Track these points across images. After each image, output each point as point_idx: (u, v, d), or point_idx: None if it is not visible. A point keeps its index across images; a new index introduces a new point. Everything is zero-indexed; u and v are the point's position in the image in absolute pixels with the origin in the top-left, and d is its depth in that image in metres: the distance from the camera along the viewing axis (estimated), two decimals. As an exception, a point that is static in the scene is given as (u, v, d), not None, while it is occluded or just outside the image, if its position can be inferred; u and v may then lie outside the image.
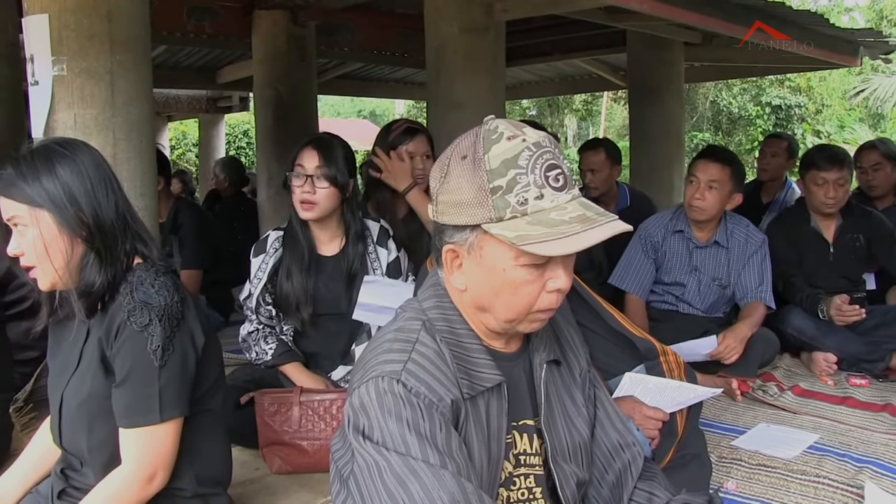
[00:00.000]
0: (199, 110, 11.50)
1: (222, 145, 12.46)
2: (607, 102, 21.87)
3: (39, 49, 2.64)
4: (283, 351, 2.63)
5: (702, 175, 3.28)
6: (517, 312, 1.30)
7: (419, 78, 9.59)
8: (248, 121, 19.98)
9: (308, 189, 2.55)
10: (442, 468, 1.19)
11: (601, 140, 4.83)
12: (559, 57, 7.59)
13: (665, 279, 3.50)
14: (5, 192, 1.59)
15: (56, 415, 1.73)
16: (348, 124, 23.75)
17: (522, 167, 1.23)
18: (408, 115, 24.00)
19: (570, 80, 9.69)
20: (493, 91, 4.25)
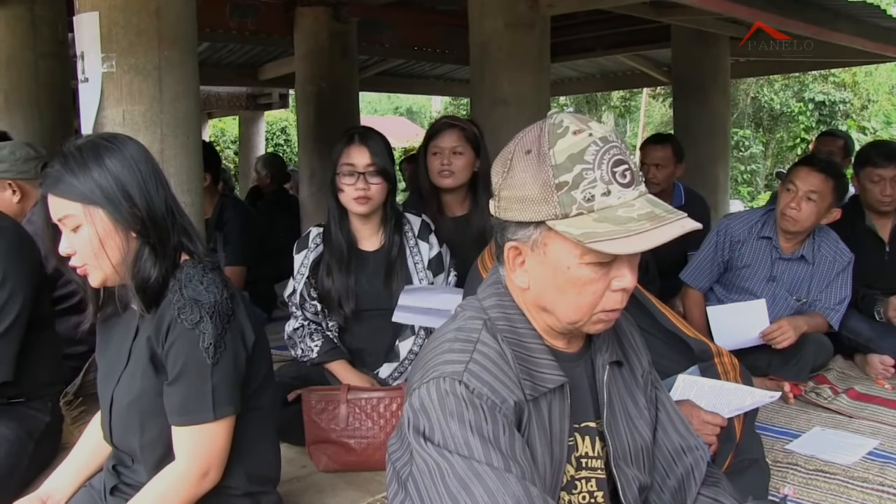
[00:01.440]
0: (240, 107, 11.62)
1: (262, 142, 12.57)
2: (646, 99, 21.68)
3: (89, 46, 2.66)
4: (329, 348, 2.62)
5: (801, 184, 3.09)
6: (581, 312, 1.27)
7: (460, 75, 9.59)
8: (286, 118, 20.13)
9: (362, 186, 2.54)
10: (506, 471, 1.16)
11: (667, 135, 4.76)
12: (602, 53, 7.55)
13: (739, 283, 3.38)
14: (55, 190, 1.58)
15: (107, 413, 1.73)
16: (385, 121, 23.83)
17: (589, 162, 1.19)
18: (445, 112, 24.08)
19: (612, 76, 9.62)
20: (537, 87, 4.21)
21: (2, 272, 2.14)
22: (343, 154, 2.58)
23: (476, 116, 4.32)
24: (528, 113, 4.03)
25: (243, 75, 8.92)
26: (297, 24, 5.67)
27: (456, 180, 3.00)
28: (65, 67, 4.96)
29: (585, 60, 8.43)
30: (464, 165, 3.00)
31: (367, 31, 6.30)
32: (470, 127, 3.05)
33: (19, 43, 4.76)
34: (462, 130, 3.02)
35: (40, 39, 4.80)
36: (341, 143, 2.61)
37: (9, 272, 2.15)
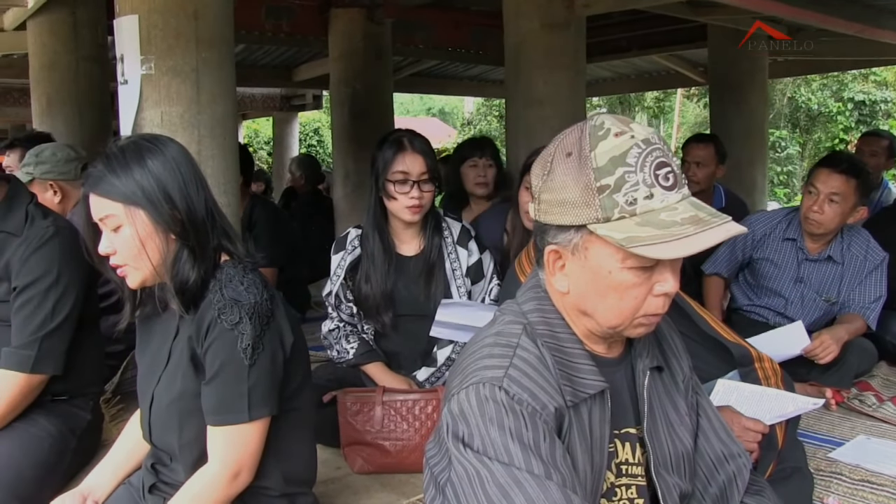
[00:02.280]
0: (274, 108, 11.71)
1: (296, 143, 12.66)
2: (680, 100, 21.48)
3: (129, 49, 2.68)
4: (365, 350, 2.61)
5: (822, 186, 3.04)
6: (622, 317, 1.25)
7: (493, 75, 9.58)
8: (319, 119, 20.25)
9: (416, 195, 2.51)
10: (546, 479, 1.14)
11: (710, 134, 4.72)
12: (637, 53, 7.50)
13: (766, 284, 3.34)
14: (97, 190, 1.59)
15: (146, 412, 1.74)
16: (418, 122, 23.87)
17: (631, 165, 1.17)
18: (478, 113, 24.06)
19: (647, 76, 9.56)
20: (573, 88, 4.19)
21: (57, 269, 2.18)
22: (395, 161, 2.53)
23: (511, 117, 4.32)
24: (564, 113, 4.02)
25: (278, 77, 8.99)
26: (332, 26, 5.70)
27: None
28: (104, 70, 5.04)
29: (620, 61, 8.38)
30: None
31: (402, 32, 6.31)
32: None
33: (62, 46, 4.84)
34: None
35: (81, 43, 4.88)
36: (391, 149, 2.55)
37: (64, 270, 2.19)
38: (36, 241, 2.18)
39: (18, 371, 2.12)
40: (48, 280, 2.16)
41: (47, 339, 2.15)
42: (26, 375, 2.12)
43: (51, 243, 2.19)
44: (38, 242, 2.18)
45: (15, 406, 2.13)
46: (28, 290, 2.15)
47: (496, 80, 9.92)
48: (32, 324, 2.14)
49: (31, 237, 2.19)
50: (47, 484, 2.09)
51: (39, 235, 2.19)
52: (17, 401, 2.12)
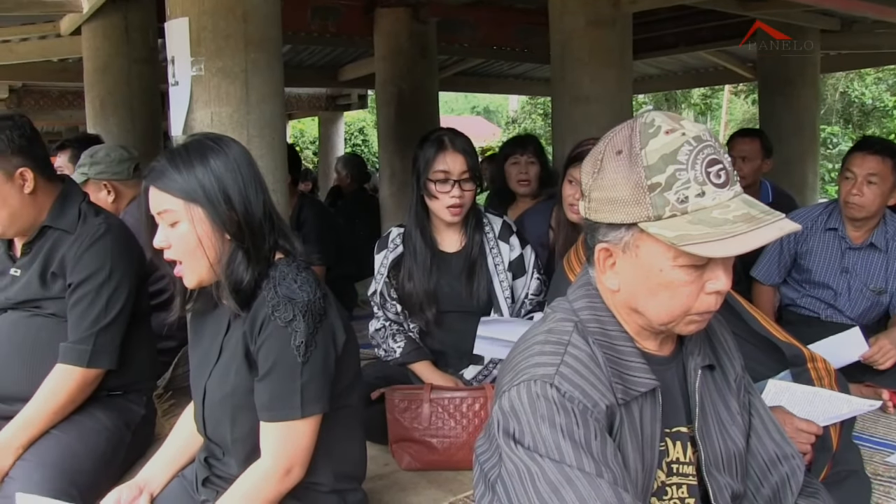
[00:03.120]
0: (319, 108, 11.81)
1: (341, 143, 12.75)
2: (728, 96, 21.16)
3: (179, 51, 2.71)
4: (411, 349, 2.63)
5: (858, 170, 3.02)
6: (674, 314, 1.24)
7: (538, 73, 9.54)
8: (363, 119, 20.37)
9: (457, 193, 2.53)
10: (598, 476, 1.14)
11: (756, 129, 4.68)
12: (684, 49, 7.39)
13: (812, 278, 3.29)
14: (158, 184, 1.62)
15: (200, 405, 1.77)
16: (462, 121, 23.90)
17: (682, 163, 1.17)
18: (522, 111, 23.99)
19: (694, 72, 9.44)
20: (620, 85, 4.14)
21: (110, 266, 2.23)
22: (436, 160, 2.55)
23: (557, 115, 4.29)
24: (611, 111, 3.98)
25: (324, 76, 9.06)
26: (377, 25, 5.72)
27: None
28: (155, 72, 5.12)
29: (667, 57, 8.28)
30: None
31: (447, 31, 6.30)
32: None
33: (114, 49, 4.93)
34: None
35: (133, 46, 4.96)
36: (431, 148, 2.57)
37: (116, 266, 2.25)
38: (89, 239, 2.24)
39: (76, 365, 2.17)
40: (101, 276, 2.22)
41: (102, 334, 2.21)
42: (83, 370, 2.18)
43: (103, 240, 2.25)
44: (91, 239, 2.24)
45: (73, 399, 2.19)
46: (82, 287, 2.21)
47: (541, 77, 9.88)
48: (87, 319, 2.20)
49: (83, 234, 2.25)
50: (104, 475, 2.15)
51: (92, 233, 2.25)
52: (75, 394, 2.18)
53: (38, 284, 2.24)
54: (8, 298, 2.28)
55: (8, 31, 5.92)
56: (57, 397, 2.16)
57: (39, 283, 2.24)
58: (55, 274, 2.24)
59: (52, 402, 2.15)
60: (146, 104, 5.07)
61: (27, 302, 2.26)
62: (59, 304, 2.24)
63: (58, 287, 2.24)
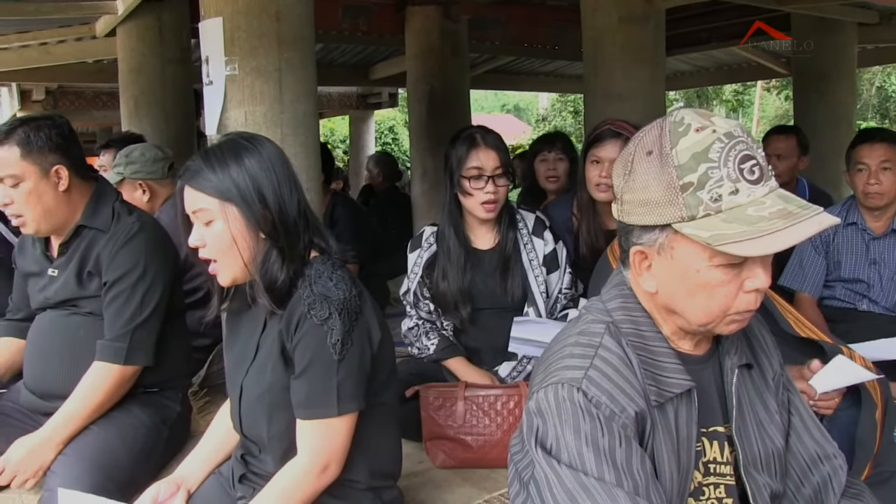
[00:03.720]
0: (350, 107, 11.85)
1: (372, 141, 12.79)
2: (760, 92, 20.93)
3: (214, 50, 2.73)
4: (445, 346, 2.63)
5: (870, 160, 3.05)
6: (713, 315, 1.22)
7: (569, 70, 9.50)
8: (393, 117, 20.42)
9: (491, 189, 2.53)
10: (616, 486, 1.13)
11: (791, 126, 4.62)
12: (717, 45, 7.31)
13: (843, 276, 3.26)
14: (194, 183, 1.63)
15: (236, 403, 1.78)
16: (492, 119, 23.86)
17: (714, 161, 1.15)
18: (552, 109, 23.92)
19: (727, 68, 9.35)
20: (653, 82, 4.11)
21: (144, 263, 2.26)
22: (469, 157, 2.54)
23: (590, 112, 4.27)
24: (643, 108, 3.95)
25: (355, 75, 9.10)
26: (408, 24, 5.73)
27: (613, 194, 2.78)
28: (188, 72, 5.17)
29: (699, 53, 8.19)
30: None
31: (477, 29, 6.30)
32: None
33: (148, 50, 4.99)
34: (626, 140, 2.79)
35: (166, 46, 5.02)
36: (464, 145, 2.57)
37: (150, 264, 2.27)
38: (123, 237, 2.27)
39: (113, 363, 2.21)
40: (136, 274, 2.25)
41: (138, 332, 2.24)
42: (120, 367, 2.21)
43: (137, 238, 2.28)
44: (125, 238, 2.27)
45: (111, 396, 2.22)
46: (117, 285, 2.24)
47: (572, 75, 9.83)
48: (123, 317, 2.23)
49: (117, 233, 2.27)
50: (141, 471, 2.18)
51: (126, 231, 2.28)
52: (113, 391, 2.21)
53: (75, 284, 2.27)
54: (47, 298, 2.31)
55: (45, 34, 6.02)
56: (95, 394, 2.19)
57: (76, 283, 2.27)
58: (91, 273, 2.27)
59: (91, 398, 2.18)
60: (179, 104, 5.12)
61: (65, 301, 2.30)
62: (96, 302, 2.27)
63: (94, 286, 2.27)
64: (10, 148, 2.16)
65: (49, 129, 2.21)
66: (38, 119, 2.26)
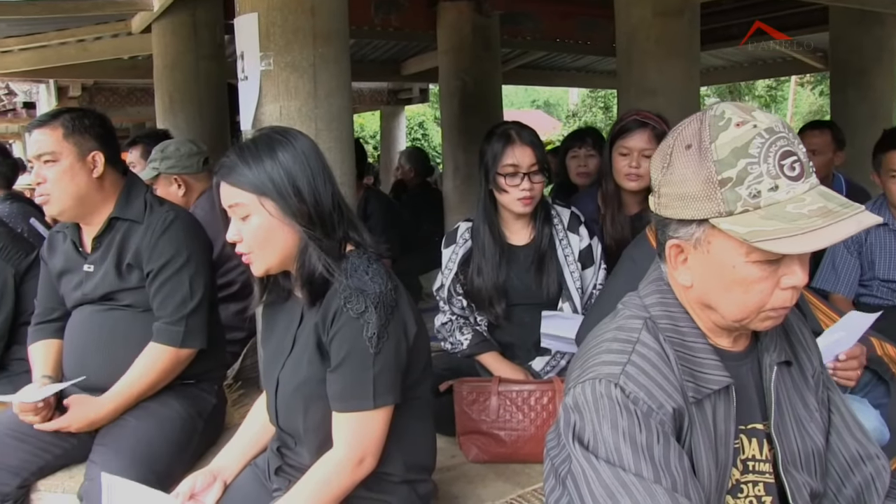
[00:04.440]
0: (381, 102, 11.89)
1: (403, 137, 12.81)
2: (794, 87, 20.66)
3: (249, 46, 2.76)
4: (479, 340, 2.63)
5: None
6: (748, 311, 1.21)
7: (601, 66, 9.46)
8: (423, 113, 20.45)
9: (527, 186, 2.51)
10: (655, 483, 1.12)
11: (826, 121, 4.57)
12: (752, 40, 7.20)
13: (878, 275, 3.22)
14: (229, 179, 1.65)
15: (272, 396, 1.79)
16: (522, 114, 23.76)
17: (754, 156, 1.13)
18: (582, 104, 23.81)
19: (761, 63, 9.24)
20: (687, 77, 4.07)
21: (187, 251, 2.30)
22: (504, 154, 2.53)
23: (623, 108, 4.24)
24: (678, 103, 3.91)
25: (386, 71, 9.13)
26: (440, 19, 5.72)
27: (642, 183, 2.77)
28: (222, 68, 5.21)
29: (732, 48, 8.10)
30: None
31: (510, 24, 6.27)
32: (661, 125, 2.79)
33: (183, 46, 5.03)
34: (653, 130, 2.76)
35: (201, 42, 5.06)
36: (499, 142, 2.56)
37: (192, 251, 2.31)
38: (160, 227, 2.30)
39: (170, 345, 2.26)
40: (179, 261, 2.29)
41: (192, 316, 2.29)
42: (175, 350, 2.27)
43: (173, 227, 2.31)
44: (162, 227, 2.30)
45: (164, 377, 2.27)
46: (163, 273, 2.28)
47: (603, 70, 9.79)
48: (174, 303, 2.27)
49: (153, 223, 2.31)
50: (178, 462, 2.21)
51: (161, 220, 2.31)
52: (166, 372, 2.27)
53: (114, 276, 2.30)
54: (85, 294, 2.34)
55: (83, 31, 6.11)
56: (150, 373, 2.24)
57: (116, 276, 2.30)
58: (131, 265, 2.30)
59: (146, 377, 2.24)
60: (213, 99, 5.16)
61: (104, 296, 2.32)
62: (136, 294, 2.30)
63: (135, 278, 2.30)
64: (54, 129, 2.23)
65: (92, 119, 2.29)
66: (82, 109, 2.34)
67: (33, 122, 2.28)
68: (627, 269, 2.16)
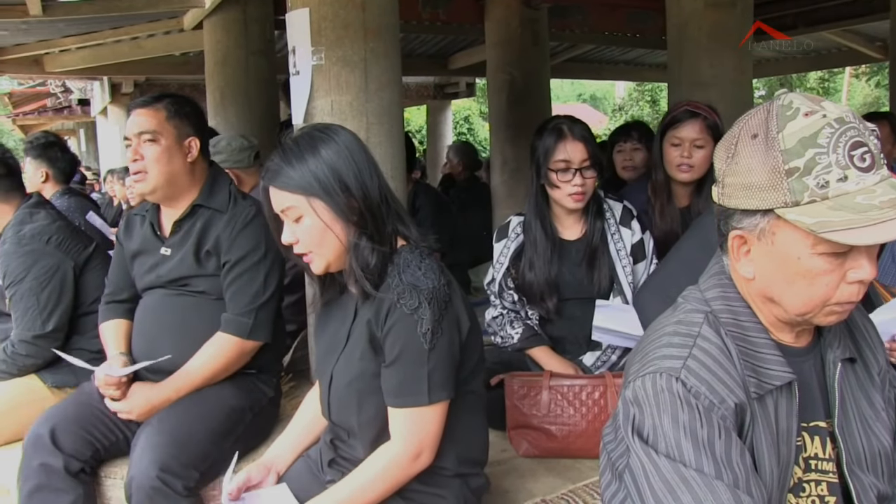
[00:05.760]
0: (427, 97, 11.91)
1: (449, 131, 12.82)
2: (848, 79, 20.21)
3: (300, 41, 2.78)
4: (530, 335, 2.62)
5: None
6: (812, 304, 1.19)
7: (649, 59, 9.36)
8: (468, 107, 20.43)
9: (579, 182, 2.50)
10: (716, 479, 1.10)
11: (884, 112, 4.45)
12: (805, 30, 7.06)
13: None
14: (276, 183, 1.65)
15: (325, 390, 1.81)
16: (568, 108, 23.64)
17: (823, 146, 1.11)
18: (629, 98, 23.57)
19: (815, 54, 9.05)
20: (740, 69, 4.00)
21: (264, 246, 2.35)
22: (556, 149, 2.52)
23: (674, 101, 4.18)
24: (730, 96, 3.86)
25: (433, 65, 9.16)
26: (488, 13, 5.71)
27: (695, 174, 2.78)
28: (271, 63, 5.27)
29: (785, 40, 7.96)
30: (704, 158, 2.75)
31: (558, 17, 6.24)
32: (712, 115, 2.79)
33: (233, 42, 5.10)
34: (704, 120, 2.75)
35: (250, 38, 5.11)
36: (551, 137, 2.54)
37: (269, 247, 2.35)
38: (242, 220, 2.36)
39: (237, 336, 2.31)
40: (257, 255, 2.34)
41: (262, 310, 2.34)
42: (242, 340, 2.32)
43: (255, 222, 2.36)
44: (245, 221, 2.36)
45: (228, 367, 2.33)
46: (240, 265, 2.33)
47: (652, 63, 9.69)
48: (247, 295, 2.32)
49: (237, 215, 2.37)
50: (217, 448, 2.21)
51: (245, 214, 2.37)
52: (231, 362, 2.32)
53: (192, 262, 2.35)
54: (160, 276, 2.39)
55: (136, 29, 6.25)
56: (214, 362, 2.30)
57: (194, 261, 2.35)
58: (209, 252, 2.35)
59: (209, 366, 2.29)
60: (263, 94, 5.22)
61: (178, 280, 2.37)
62: (211, 281, 2.36)
63: (212, 265, 2.35)
64: (158, 111, 2.31)
65: (191, 107, 2.39)
66: (182, 96, 2.44)
67: (136, 101, 2.38)
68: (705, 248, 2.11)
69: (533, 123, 2.71)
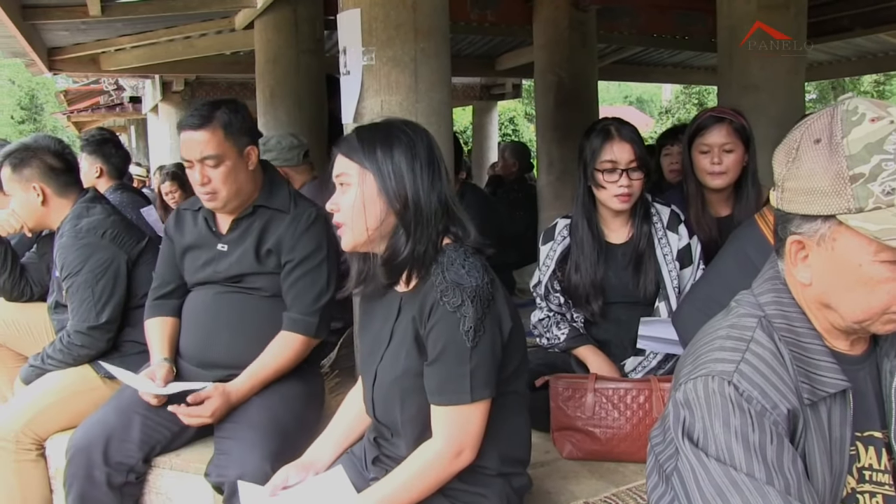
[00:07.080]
0: (473, 97, 11.91)
1: (495, 132, 12.81)
2: (905, 82, 19.76)
3: (351, 41, 2.80)
4: (576, 335, 2.62)
5: None
6: (871, 312, 1.17)
7: (698, 62, 9.27)
8: (514, 108, 20.39)
9: (625, 183, 2.49)
10: (767, 484, 1.09)
11: None
12: (862, 32, 6.90)
13: None
14: (343, 150, 1.71)
15: (369, 388, 1.82)
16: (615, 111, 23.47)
17: (890, 153, 1.10)
18: (676, 101, 23.34)
19: (871, 57, 8.85)
20: (792, 72, 3.94)
21: (326, 247, 2.43)
22: (603, 150, 2.52)
23: (724, 104, 4.14)
24: (782, 99, 3.81)
25: (481, 66, 9.17)
26: (536, 14, 5.69)
27: (727, 180, 2.75)
28: (321, 63, 5.32)
29: (839, 42, 7.79)
30: (735, 163, 2.73)
31: (606, 19, 6.19)
32: (738, 119, 2.76)
33: (284, 41, 5.16)
34: (731, 124, 2.73)
35: (301, 37, 5.17)
36: (598, 138, 2.54)
37: (331, 248, 2.42)
38: (305, 221, 2.41)
39: (304, 335, 2.38)
40: (320, 256, 2.39)
41: (325, 309, 2.41)
42: (309, 339, 2.39)
43: (318, 224, 2.42)
44: (308, 222, 2.41)
45: (293, 364, 2.40)
46: (302, 265, 2.38)
47: (700, 66, 9.59)
48: (311, 295, 2.38)
49: (299, 216, 2.42)
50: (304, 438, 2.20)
51: (307, 215, 2.42)
52: (295, 359, 2.40)
53: (252, 259, 2.40)
54: (217, 272, 2.44)
55: (189, 28, 6.36)
56: (282, 360, 2.36)
57: (255, 259, 2.40)
58: (270, 251, 2.40)
59: (277, 363, 2.36)
60: (312, 93, 5.27)
61: (236, 276, 2.42)
62: (268, 279, 2.41)
63: (271, 263, 2.40)
64: (215, 130, 2.32)
65: (242, 112, 2.40)
66: (228, 102, 2.42)
67: (189, 121, 2.33)
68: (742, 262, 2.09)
69: (580, 125, 2.70)
